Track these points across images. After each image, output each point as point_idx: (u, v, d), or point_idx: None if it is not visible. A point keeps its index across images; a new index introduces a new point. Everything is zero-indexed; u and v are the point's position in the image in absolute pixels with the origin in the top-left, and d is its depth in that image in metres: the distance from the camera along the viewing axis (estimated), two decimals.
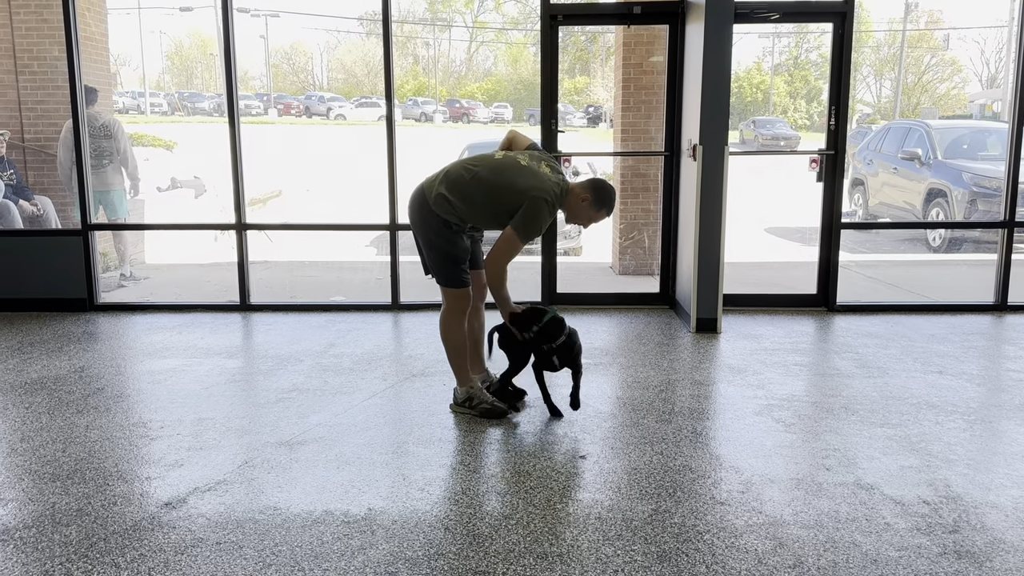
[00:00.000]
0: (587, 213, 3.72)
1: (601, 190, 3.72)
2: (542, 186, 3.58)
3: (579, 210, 3.72)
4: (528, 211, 3.54)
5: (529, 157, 3.74)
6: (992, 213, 8.50)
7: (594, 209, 3.71)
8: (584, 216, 3.74)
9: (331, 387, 4.34)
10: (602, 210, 3.73)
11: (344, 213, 9.90)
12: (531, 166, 3.67)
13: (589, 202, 3.69)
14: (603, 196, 3.71)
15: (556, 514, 2.88)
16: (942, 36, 34.86)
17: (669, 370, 4.61)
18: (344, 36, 33.23)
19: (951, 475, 3.18)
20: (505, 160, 3.71)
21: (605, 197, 3.71)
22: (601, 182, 3.78)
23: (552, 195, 3.59)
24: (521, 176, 3.61)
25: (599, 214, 3.74)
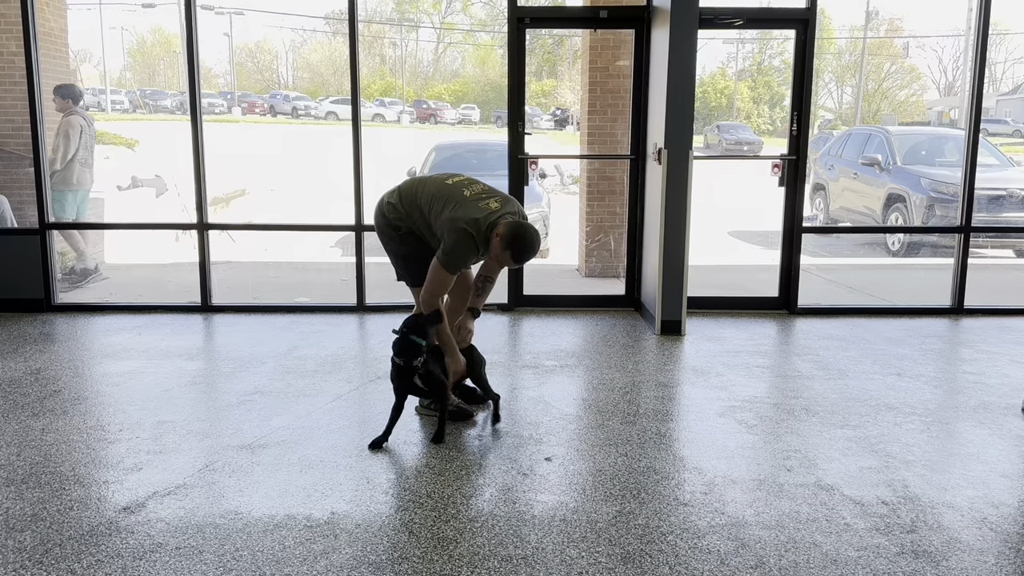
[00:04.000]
0: (495, 251, 3.50)
1: (513, 234, 3.45)
2: (467, 217, 3.46)
3: (492, 247, 3.50)
4: (448, 241, 3.48)
5: (481, 191, 3.62)
6: (949, 218, 8.69)
7: (501, 247, 3.46)
8: (493, 253, 3.51)
9: (294, 390, 4.29)
10: (507, 251, 3.46)
11: (309, 213, 9.81)
12: (473, 198, 3.55)
13: (499, 238, 3.45)
14: (512, 240, 3.44)
15: (521, 517, 2.88)
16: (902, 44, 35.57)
17: (634, 372, 4.64)
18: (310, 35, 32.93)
19: (909, 476, 3.24)
20: (450, 188, 3.62)
21: (515, 241, 3.44)
22: (523, 228, 3.47)
23: (474, 227, 3.45)
24: (452, 207, 3.52)
25: (504, 255, 3.48)
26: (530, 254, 3.51)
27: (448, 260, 3.52)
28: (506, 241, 3.46)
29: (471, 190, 3.62)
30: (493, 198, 3.61)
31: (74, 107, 7.13)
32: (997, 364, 4.79)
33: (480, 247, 3.52)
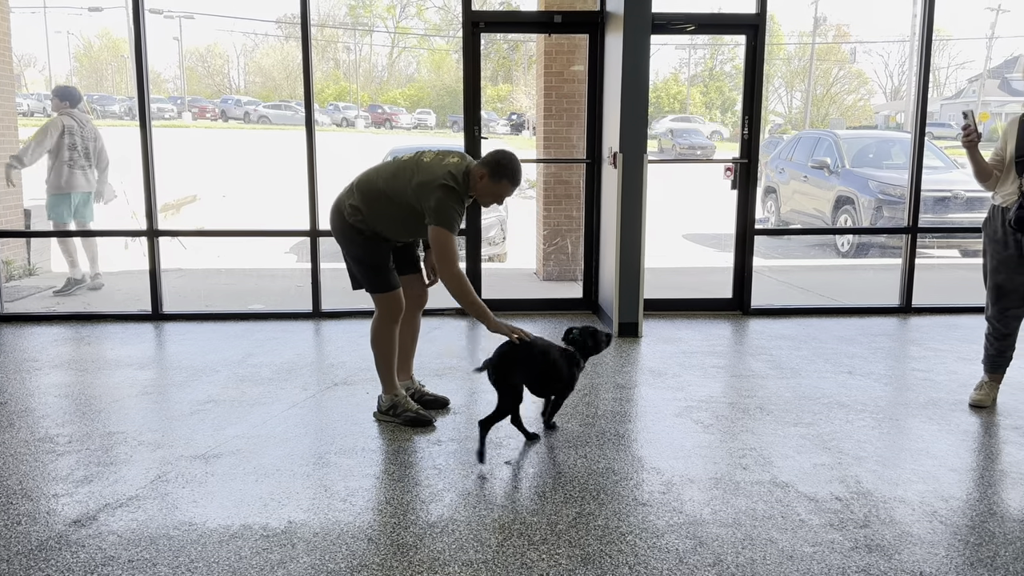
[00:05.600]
0: (489, 190, 3.55)
1: (495, 163, 3.51)
2: (435, 176, 3.47)
3: (483, 190, 3.56)
4: (432, 203, 3.45)
5: (436, 154, 3.64)
6: (896, 219, 8.91)
7: (493, 182, 3.52)
8: (489, 194, 3.57)
9: (249, 398, 4.22)
10: (502, 181, 3.52)
11: (263, 219, 9.68)
12: (433, 161, 3.57)
13: (486, 177, 3.52)
14: (498, 168, 3.51)
15: (481, 521, 2.87)
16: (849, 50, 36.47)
17: (592, 374, 4.66)
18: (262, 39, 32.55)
19: (861, 472, 3.31)
20: (406, 163, 3.62)
21: (500, 168, 3.51)
22: (498, 154, 3.55)
23: (451, 179, 3.48)
24: (417, 175, 3.52)
25: (500, 186, 3.53)
26: (521, 170, 3.57)
27: (441, 218, 3.45)
28: (495, 172, 3.51)
29: (427, 156, 3.63)
30: (450, 155, 3.63)
31: (69, 108, 6.97)
32: (945, 361, 4.92)
33: (464, 197, 3.54)
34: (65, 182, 6.91)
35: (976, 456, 3.51)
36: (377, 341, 3.81)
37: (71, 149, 6.93)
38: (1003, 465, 3.41)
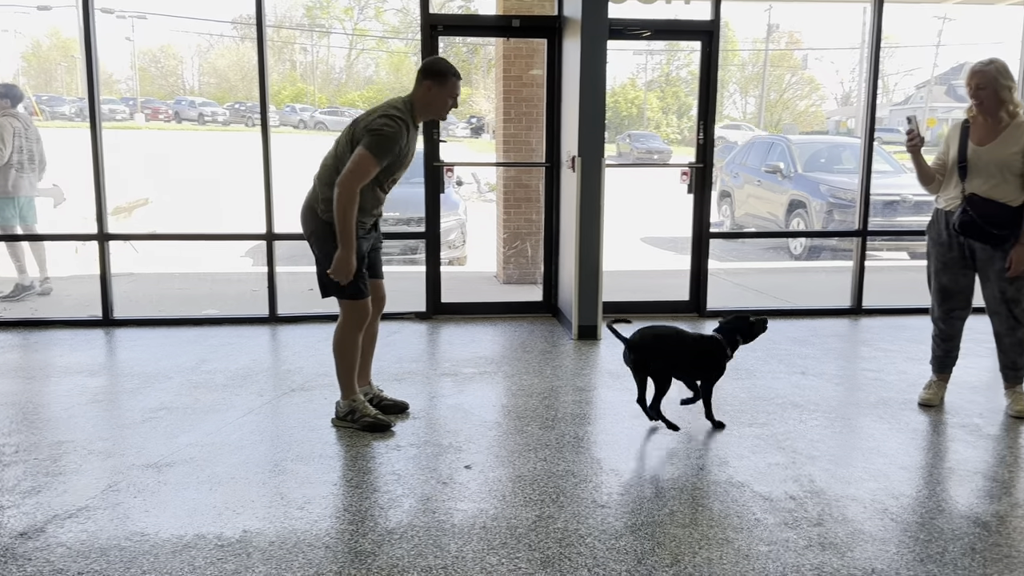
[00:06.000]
0: (439, 96, 3.59)
1: (432, 70, 3.57)
2: (377, 112, 3.51)
3: (433, 99, 3.59)
4: (375, 133, 3.45)
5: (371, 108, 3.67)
6: (847, 223, 9.09)
7: (440, 85, 3.57)
8: (442, 99, 3.60)
9: (203, 405, 4.15)
10: (448, 78, 3.57)
11: (218, 222, 9.53)
12: (371, 109, 3.61)
13: (434, 86, 3.56)
14: (437, 71, 3.56)
15: (440, 526, 2.86)
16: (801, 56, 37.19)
17: (552, 377, 4.68)
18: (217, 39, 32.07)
19: (814, 471, 3.37)
20: (347, 127, 3.64)
21: (439, 70, 3.57)
22: (428, 63, 3.63)
23: (394, 110, 3.51)
24: (361, 123, 3.53)
25: (448, 84, 3.58)
26: (450, 66, 3.62)
27: (379, 146, 3.43)
28: (437, 75, 3.56)
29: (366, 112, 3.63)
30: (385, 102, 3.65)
31: (9, 108, 6.75)
32: (894, 361, 5.04)
33: (410, 124, 3.55)
34: (12, 185, 6.72)
35: (925, 454, 3.59)
36: (340, 347, 3.77)
37: (18, 152, 6.75)
38: (951, 463, 3.50)
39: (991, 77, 3.81)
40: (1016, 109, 3.86)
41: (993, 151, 3.86)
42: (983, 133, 3.91)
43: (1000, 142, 3.85)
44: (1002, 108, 3.84)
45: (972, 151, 3.91)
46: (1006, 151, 3.83)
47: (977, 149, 3.90)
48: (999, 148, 3.85)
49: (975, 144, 3.91)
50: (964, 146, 3.94)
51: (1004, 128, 3.85)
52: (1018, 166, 3.82)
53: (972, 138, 3.93)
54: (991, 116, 3.87)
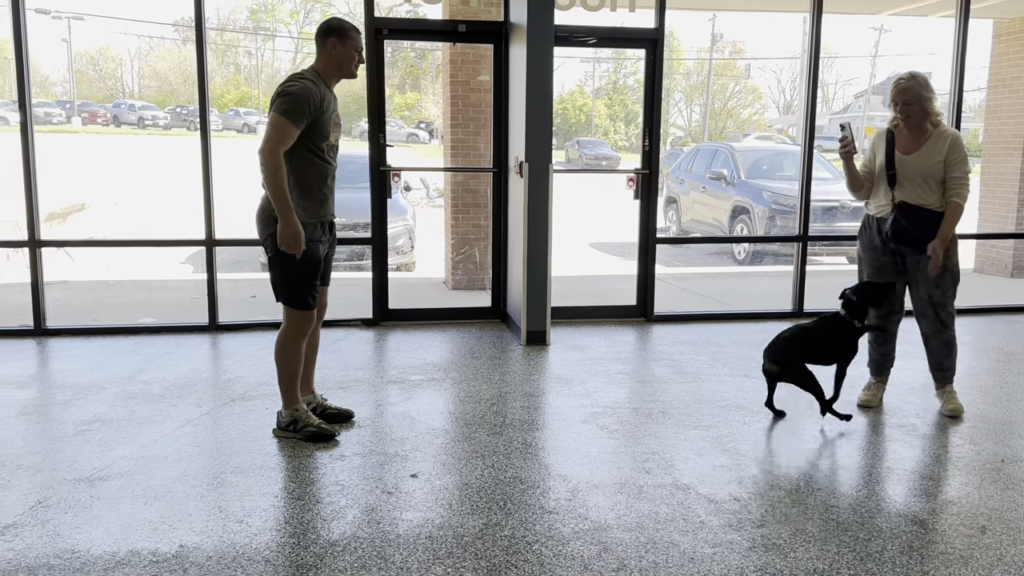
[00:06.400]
0: (345, 52, 3.59)
1: (332, 28, 3.59)
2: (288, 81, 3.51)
3: (340, 56, 3.59)
4: (281, 95, 3.42)
5: None
6: (789, 228, 9.28)
7: (344, 42, 3.58)
8: (348, 56, 3.60)
9: (139, 416, 4.02)
10: (349, 34, 3.59)
11: (157, 228, 9.29)
12: None
13: (337, 43, 3.57)
14: (338, 29, 3.59)
15: (385, 537, 2.81)
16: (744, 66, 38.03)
17: (501, 383, 4.66)
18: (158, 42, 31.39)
19: (758, 472, 3.41)
20: None
21: (339, 27, 3.60)
22: (326, 24, 3.64)
23: (301, 76, 3.51)
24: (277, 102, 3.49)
25: (351, 39, 3.60)
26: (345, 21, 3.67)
27: (290, 107, 3.39)
28: (339, 32, 3.58)
29: None
30: None
31: None
32: None
33: (320, 87, 3.51)
34: None
35: (864, 454, 3.67)
36: (283, 355, 3.69)
37: None
38: (889, 462, 3.58)
39: (916, 92, 3.94)
40: (937, 118, 4.01)
41: (918, 160, 3.98)
42: (908, 143, 4.03)
43: (924, 152, 3.98)
44: (926, 119, 3.98)
45: (899, 160, 4.03)
46: (930, 160, 3.96)
47: (903, 158, 4.02)
48: (924, 158, 3.97)
49: (901, 153, 4.04)
50: (891, 155, 4.06)
51: (928, 138, 3.99)
52: (941, 174, 3.96)
53: (898, 147, 4.05)
54: (916, 128, 4.00)
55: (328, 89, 3.60)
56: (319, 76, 3.57)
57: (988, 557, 2.71)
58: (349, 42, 3.60)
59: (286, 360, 3.69)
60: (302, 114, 3.42)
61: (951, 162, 3.95)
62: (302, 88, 3.44)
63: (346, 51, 3.60)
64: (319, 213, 3.62)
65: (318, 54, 3.62)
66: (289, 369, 3.69)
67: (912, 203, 3.99)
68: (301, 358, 3.73)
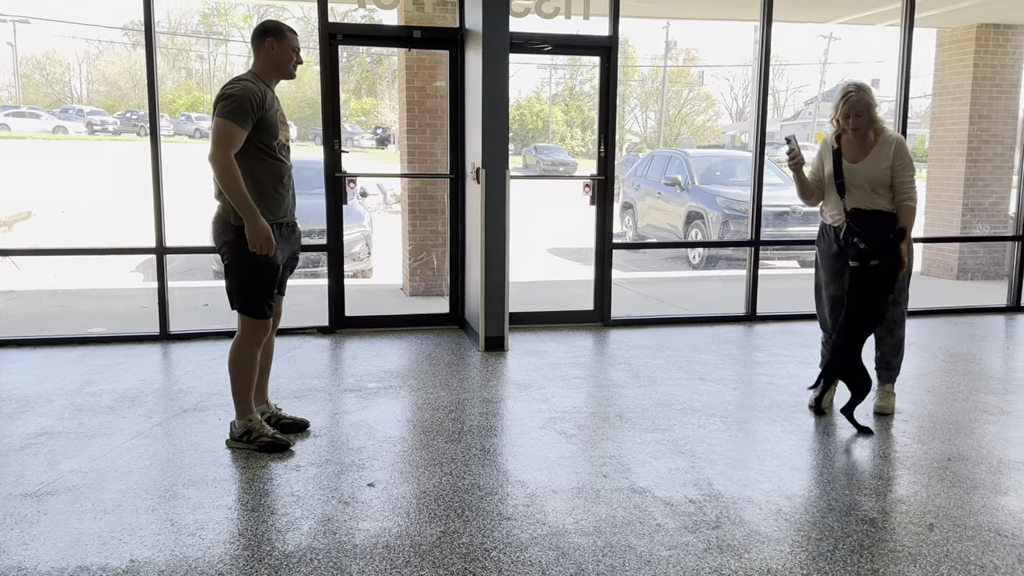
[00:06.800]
0: (283, 51, 3.57)
1: (268, 29, 3.57)
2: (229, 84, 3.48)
3: (278, 56, 3.57)
4: (221, 100, 3.40)
5: None
6: (741, 233, 9.44)
7: (281, 41, 3.56)
8: (286, 56, 3.59)
9: (87, 429, 3.92)
10: (284, 34, 3.58)
11: (106, 236, 9.09)
12: None
13: (275, 43, 3.55)
14: (274, 30, 3.57)
15: (341, 547, 2.78)
16: (698, 73, 38.61)
17: (459, 389, 4.65)
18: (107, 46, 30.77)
19: (713, 474, 3.46)
20: None
21: (274, 28, 3.58)
22: (261, 26, 3.61)
23: (240, 78, 3.49)
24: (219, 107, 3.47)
25: (287, 39, 3.59)
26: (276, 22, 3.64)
27: (232, 110, 3.36)
28: (275, 32, 3.55)
29: None
30: None
31: None
32: (786, 366, 5.24)
33: (260, 87, 3.49)
34: None
35: (816, 455, 3.74)
36: (237, 364, 3.63)
37: None
38: (839, 462, 3.65)
39: (866, 103, 4.04)
40: (881, 125, 4.12)
41: (865, 168, 4.07)
42: (855, 151, 4.12)
43: (871, 159, 4.07)
44: (871, 127, 4.08)
45: (847, 169, 4.12)
46: (877, 167, 4.05)
47: (851, 167, 4.11)
48: (870, 165, 4.07)
49: (849, 162, 4.12)
50: (839, 164, 4.15)
51: (873, 145, 4.08)
52: (888, 179, 4.06)
53: (845, 156, 4.14)
54: (863, 136, 4.10)
55: (269, 89, 3.58)
56: (258, 77, 3.56)
57: (936, 554, 2.79)
58: (286, 41, 3.59)
59: (240, 369, 3.63)
60: (246, 115, 3.39)
61: (897, 167, 4.04)
62: (242, 89, 3.42)
63: (283, 51, 3.59)
64: (277, 214, 3.59)
65: (256, 56, 3.61)
66: (243, 379, 3.64)
67: (864, 208, 4.09)
68: (256, 367, 3.68)
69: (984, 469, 3.54)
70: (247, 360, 3.63)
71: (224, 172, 3.36)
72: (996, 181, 9.04)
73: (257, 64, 3.60)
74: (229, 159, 3.37)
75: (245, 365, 3.63)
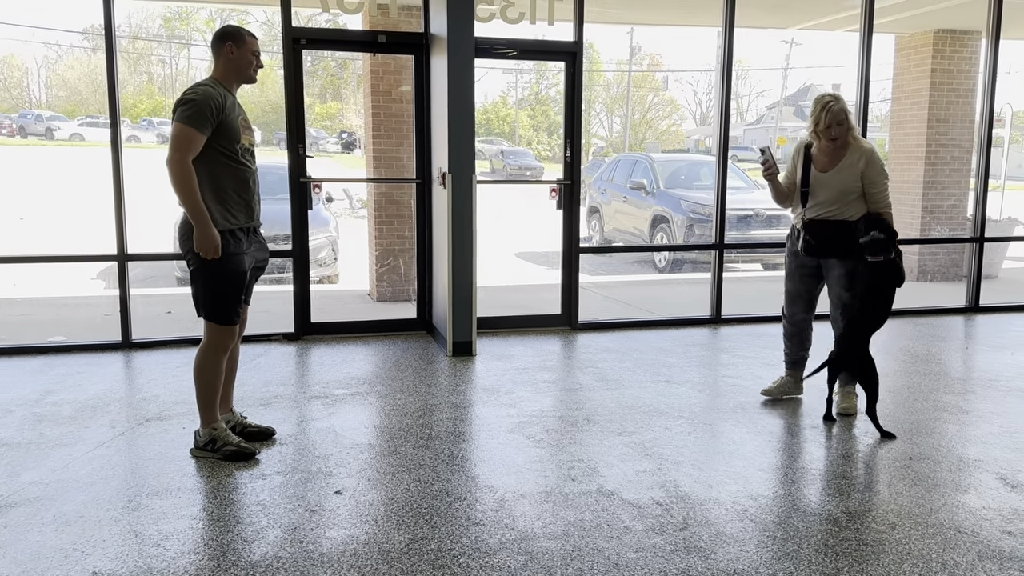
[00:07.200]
0: (242, 55, 3.55)
1: (227, 34, 3.55)
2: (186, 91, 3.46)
3: (237, 60, 3.55)
4: (180, 105, 3.38)
5: None
6: (706, 236, 9.53)
7: (240, 46, 3.54)
8: (245, 60, 3.57)
9: (48, 439, 3.85)
10: (244, 38, 3.56)
11: (67, 243, 8.93)
12: None
13: (234, 47, 3.53)
14: (233, 34, 3.55)
15: (308, 556, 2.76)
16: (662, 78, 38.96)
17: (427, 395, 4.63)
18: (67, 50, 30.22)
19: (679, 476, 3.49)
20: None
21: (233, 32, 3.56)
22: (220, 31, 3.59)
23: (199, 84, 3.48)
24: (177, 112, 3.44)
25: (247, 43, 3.57)
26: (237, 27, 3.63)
27: (191, 116, 3.34)
28: (234, 37, 3.54)
29: None
30: None
31: None
32: (751, 367, 5.30)
33: (221, 92, 3.47)
34: None
35: (780, 455, 3.79)
36: (202, 371, 3.59)
37: None
38: (803, 463, 3.71)
39: (845, 111, 4.08)
40: (855, 132, 4.17)
41: (835, 178, 4.13)
42: (826, 160, 4.17)
43: (840, 169, 4.12)
44: (849, 134, 4.13)
45: (815, 178, 4.18)
46: (847, 177, 4.11)
47: (820, 176, 4.17)
48: (840, 175, 4.12)
49: (818, 171, 4.18)
50: (807, 172, 4.20)
51: (844, 154, 4.13)
52: (859, 188, 4.11)
53: (815, 165, 4.19)
54: (843, 146, 4.13)
55: (230, 93, 3.56)
56: (218, 82, 3.53)
57: (898, 552, 2.84)
58: (245, 46, 3.57)
59: (205, 377, 3.59)
60: (205, 120, 3.37)
61: (870, 176, 4.09)
62: (202, 94, 3.40)
63: (243, 55, 3.57)
64: (242, 219, 3.57)
65: (215, 61, 3.58)
66: (208, 386, 3.60)
67: (823, 219, 4.16)
68: (221, 375, 3.64)
69: (945, 468, 3.61)
70: (213, 367, 3.59)
71: (179, 176, 3.35)
72: (954, 184, 9.25)
73: (217, 69, 3.57)
74: (186, 164, 3.35)
75: (211, 372, 3.59)
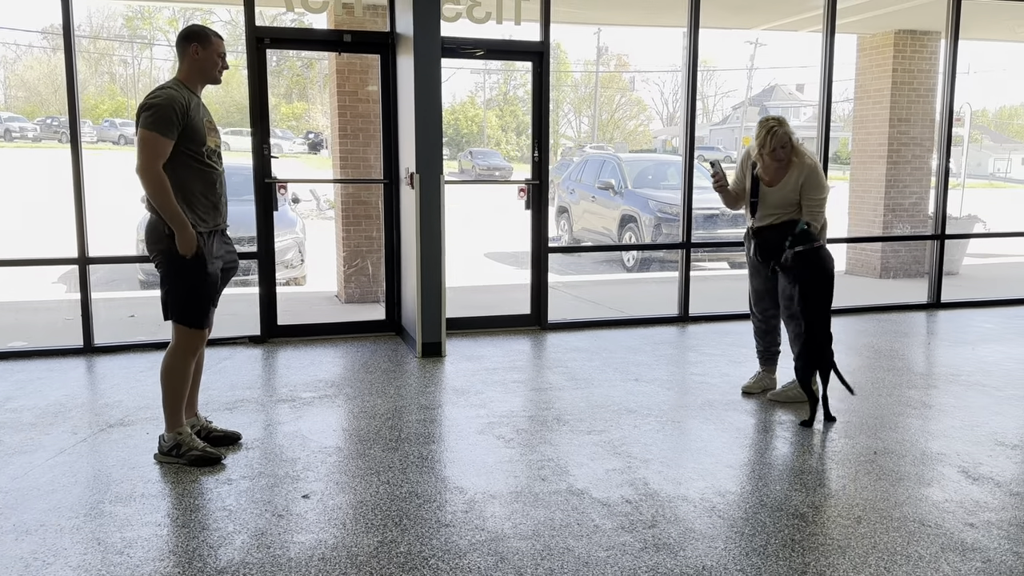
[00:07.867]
0: (208, 56, 3.50)
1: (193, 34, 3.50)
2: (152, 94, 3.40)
3: (203, 62, 3.49)
4: (144, 110, 3.33)
5: None
6: (673, 236, 9.60)
7: (206, 47, 3.49)
8: (211, 61, 3.51)
9: (7, 447, 3.76)
10: (210, 38, 3.50)
11: (26, 246, 8.74)
12: None
13: (200, 48, 3.47)
14: (198, 35, 3.49)
15: (276, 561, 2.73)
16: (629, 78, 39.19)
17: (396, 397, 4.61)
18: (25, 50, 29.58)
19: (648, 474, 3.50)
20: None
21: (199, 33, 3.50)
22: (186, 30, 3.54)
23: (163, 87, 3.42)
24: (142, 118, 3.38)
25: (212, 44, 3.51)
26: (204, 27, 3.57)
27: (156, 121, 3.28)
28: (200, 37, 3.48)
29: None
30: None
31: None
32: (718, 365, 5.35)
33: (185, 95, 3.42)
34: None
35: (748, 452, 3.83)
36: (170, 375, 3.54)
37: None
38: (770, 459, 3.75)
39: (788, 135, 4.26)
40: (800, 149, 4.36)
41: (778, 192, 4.34)
42: (772, 174, 4.36)
43: (784, 184, 4.33)
44: (791, 154, 4.30)
45: (763, 191, 4.39)
46: (786, 191, 4.32)
47: (766, 190, 4.38)
48: (783, 190, 4.33)
49: (766, 185, 4.38)
50: (756, 184, 4.41)
51: (789, 170, 4.31)
52: (796, 200, 4.32)
53: (763, 176, 4.39)
54: (786, 165, 4.30)
55: (194, 95, 3.50)
56: (182, 84, 3.48)
57: (864, 546, 2.88)
58: (211, 47, 3.52)
59: (173, 381, 3.54)
60: (170, 124, 3.32)
61: (805, 187, 4.27)
62: (165, 97, 3.35)
63: (208, 56, 3.52)
64: (210, 221, 3.53)
65: (180, 62, 3.53)
66: (175, 390, 3.55)
67: (770, 225, 4.37)
68: (189, 379, 3.60)
69: (908, 462, 3.67)
70: (180, 371, 3.54)
71: (152, 184, 3.30)
72: (915, 182, 9.41)
73: (182, 70, 3.52)
74: (157, 170, 3.30)
75: (178, 376, 3.54)
